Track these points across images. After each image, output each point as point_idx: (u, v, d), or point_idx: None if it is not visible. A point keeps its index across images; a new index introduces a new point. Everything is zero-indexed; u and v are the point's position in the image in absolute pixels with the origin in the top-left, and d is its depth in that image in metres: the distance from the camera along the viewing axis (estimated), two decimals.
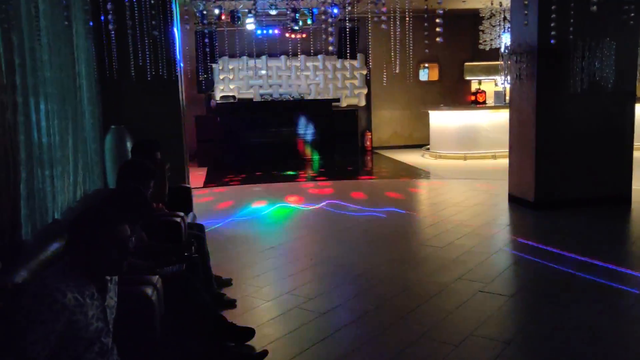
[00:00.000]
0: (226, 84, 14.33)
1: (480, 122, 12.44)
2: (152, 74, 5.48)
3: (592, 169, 7.31)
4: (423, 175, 10.91)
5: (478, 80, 15.04)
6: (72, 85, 4.72)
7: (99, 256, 2.15)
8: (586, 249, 5.53)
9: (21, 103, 3.37)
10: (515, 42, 7.47)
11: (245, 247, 6.04)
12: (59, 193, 4.23)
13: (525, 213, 7.24)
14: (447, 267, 5.15)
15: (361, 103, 15.09)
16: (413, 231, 6.79)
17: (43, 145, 3.83)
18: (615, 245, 5.90)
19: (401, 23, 9.45)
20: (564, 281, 4.73)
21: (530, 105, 7.25)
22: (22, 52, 3.43)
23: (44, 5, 3.90)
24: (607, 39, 6.92)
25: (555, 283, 4.71)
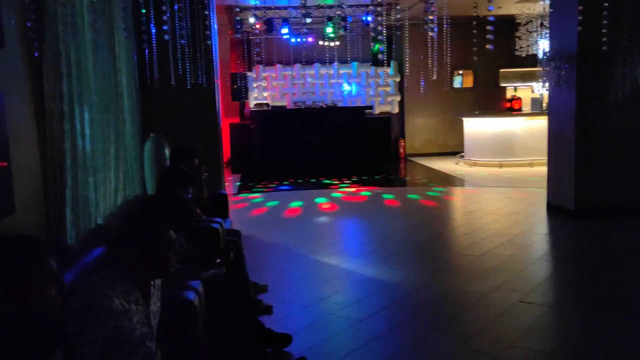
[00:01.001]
0: (260, 91, 14.47)
1: (517, 129, 12.24)
2: (192, 83, 5.58)
3: (634, 177, 7.11)
4: (458, 183, 10.79)
5: (514, 87, 14.83)
6: (114, 94, 4.84)
7: (146, 262, 2.19)
8: (629, 259, 5.38)
9: (67, 111, 3.47)
10: (554, 48, 7.35)
11: (280, 254, 6.07)
12: (101, 199, 4.34)
13: (565, 222, 7.08)
14: (484, 276, 5.07)
15: (394, 110, 15.04)
16: (449, 239, 6.71)
17: (87, 153, 3.94)
18: None
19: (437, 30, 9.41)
20: (606, 293, 4.60)
21: (569, 112, 7.10)
22: (68, 63, 3.54)
23: (89, 16, 4.02)
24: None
25: (597, 294, 4.59)
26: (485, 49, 4.14)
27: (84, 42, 3.86)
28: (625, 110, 6.96)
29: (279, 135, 12.88)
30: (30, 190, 3.04)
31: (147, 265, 2.20)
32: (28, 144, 3.07)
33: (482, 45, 4.03)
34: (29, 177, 3.04)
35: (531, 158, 11.98)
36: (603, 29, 5.51)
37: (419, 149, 15.08)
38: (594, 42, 6.36)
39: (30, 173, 3.07)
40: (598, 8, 5.59)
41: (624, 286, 4.70)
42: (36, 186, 3.15)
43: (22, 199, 2.84)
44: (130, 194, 5.43)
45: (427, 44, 10.51)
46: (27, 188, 2.99)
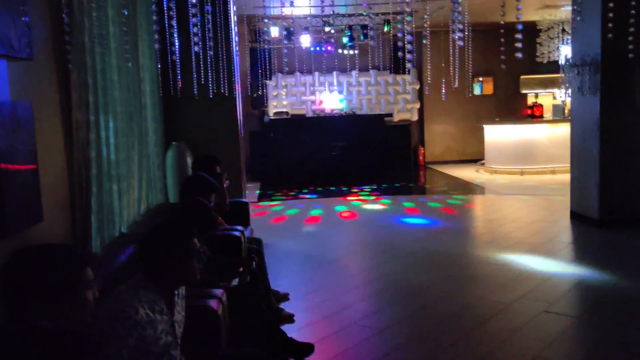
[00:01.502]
0: (279, 100, 14.54)
1: (538, 136, 12.12)
2: (214, 92, 5.63)
3: None
4: (478, 190, 10.70)
5: (535, 94, 14.68)
6: (138, 104, 4.91)
7: (172, 271, 2.21)
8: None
9: (93, 121, 3.53)
10: (576, 54, 7.26)
11: (300, 262, 6.07)
12: (125, 207, 4.39)
13: (589, 231, 6.97)
14: (508, 285, 5.00)
15: (414, 118, 14.99)
16: (470, 248, 6.64)
17: (112, 161, 3.99)
18: None
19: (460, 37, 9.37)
20: (632, 304, 4.51)
21: (593, 119, 7.00)
22: (94, 73, 3.60)
23: (114, 27, 4.08)
24: None
25: (624, 305, 4.50)
26: (506, 55, 4.11)
27: (110, 52, 3.93)
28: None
29: (299, 143, 12.91)
30: (57, 199, 3.09)
31: (173, 274, 2.22)
32: (56, 153, 3.12)
33: (502, 52, 4.00)
34: (56, 185, 3.09)
35: (553, 165, 11.85)
36: (628, 35, 5.43)
37: (439, 157, 15.01)
38: (619, 48, 6.28)
39: (57, 182, 3.12)
40: (623, 13, 5.52)
41: None
42: (63, 194, 3.20)
43: (49, 207, 2.88)
44: (153, 202, 5.49)
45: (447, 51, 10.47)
46: (55, 196, 3.04)
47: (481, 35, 13.04)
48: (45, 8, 2.99)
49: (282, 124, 13.20)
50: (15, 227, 2.51)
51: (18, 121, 2.58)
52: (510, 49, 3.79)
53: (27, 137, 2.67)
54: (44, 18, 2.95)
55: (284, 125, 13.18)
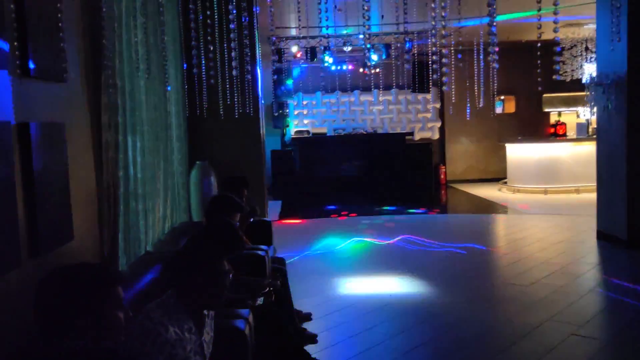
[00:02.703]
0: (301, 119, 14.63)
1: (562, 154, 11.97)
2: (239, 112, 5.70)
3: None
4: (501, 209, 10.57)
5: (558, 112, 14.55)
6: (164, 124, 4.99)
7: (201, 291, 2.22)
8: None
9: (122, 141, 3.59)
10: (602, 72, 7.19)
11: (322, 281, 6.04)
12: (150, 226, 4.44)
13: (617, 251, 6.83)
14: (534, 307, 4.91)
15: (435, 136, 14.94)
16: (495, 268, 6.55)
17: (138, 181, 4.05)
18: None
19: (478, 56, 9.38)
20: None
21: (620, 138, 6.91)
22: (123, 94, 3.67)
23: (142, 49, 4.17)
24: None
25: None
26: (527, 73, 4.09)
27: (138, 74, 4.01)
28: None
29: (320, 162, 12.94)
30: (87, 218, 3.13)
31: (202, 294, 2.23)
32: (86, 173, 3.17)
33: (522, 70, 3.98)
34: (86, 204, 3.14)
35: (578, 184, 11.67)
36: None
37: (460, 175, 14.90)
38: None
39: (87, 201, 3.17)
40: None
41: None
42: (92, 213, 3.25)
43: (79, 226, 2.93)
44: (177, 221, 5.54)
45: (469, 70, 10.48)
46: (84, 215, 3.09)
47: (503, 54, 12.98)
48: (78, 31, 3.07)
49: (303, 143, 13.26)
50: (47, 246, 2.55)
51: (51, 142, 2.63)
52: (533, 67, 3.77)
53: (60, 158, 2.73)
54: (77, 41, 3.02)
55: (305, 144, 13.24)
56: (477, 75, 10.00)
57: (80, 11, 3.14)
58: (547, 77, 8.94)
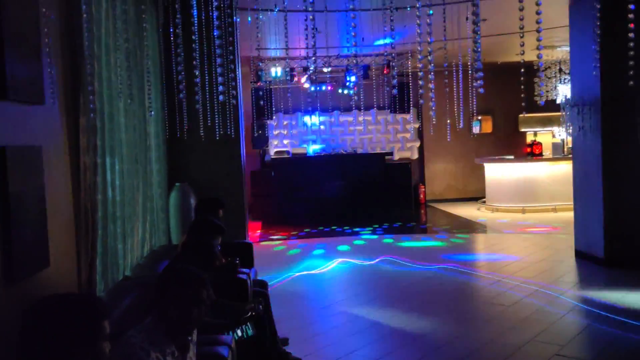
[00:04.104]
0: (280, 139, 14.62)
1: (539, 174, 12.15)
2: (220, 133, 5.66)
3: None
4: (481, 229, 10.65)
5: (534, 132, 14.79)
6: (144, 145, 4.92)
7: (184, 316, 2.17)
8: None
9: (100, 164, 3.52)
10: (576, 93, 7.35)
11: (303, 305, 5.97)
12: (129, 250, 4.35)
13: (595, 270, 6.90)
14: (517, 327, 4.92)
15: (414, 156, 15.05)
16: (477, 289, 6.56)
17: (117, 204, 3.97)
18: None
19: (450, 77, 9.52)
20: None
21: (595, 158, 7.03)
22: (102, 116, 3.62)
23: (122, 71, 4.12)
24: None
25: (635, 348, 4.41)
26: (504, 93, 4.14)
27: (116, 96, 3.96)
28: None
29: (300, 182, 12.91)
30: (63, 243, 3.05)
31: (183, 319, 2.18)
32: (63, 197, 3.10)
33: (499, 91, 4.02)
34: (62, 229, 3.05)
35: (555, 203, 11.83)
36: (627, 73, 5.48)
37: (439, 195, 15.00)
38: (618, 86, 6.36)
39: (64, 225, 3.08)
40: (620, 53, 5.59)
41: None
42: (69, 239, 3.16)
43: (55, 252, 2.84)
44: (156, 244, 5.44)
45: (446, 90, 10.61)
46: (61, 241, 3.00)
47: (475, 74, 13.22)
48: (57, 53, 3.02)
49: (282, 163, 13.23)
50: (22, 274, 2.46)
51: (28, 166, 2.57)
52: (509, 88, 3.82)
53: (37, 182, 2.65)
54: (56, 63, 2.97)
55: (284, 165, 13.21)
56: (456, 95, 10.13)
57: (60, 33, 3.09)
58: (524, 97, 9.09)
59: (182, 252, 3.44)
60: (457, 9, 6.57)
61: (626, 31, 4.11)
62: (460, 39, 7.48)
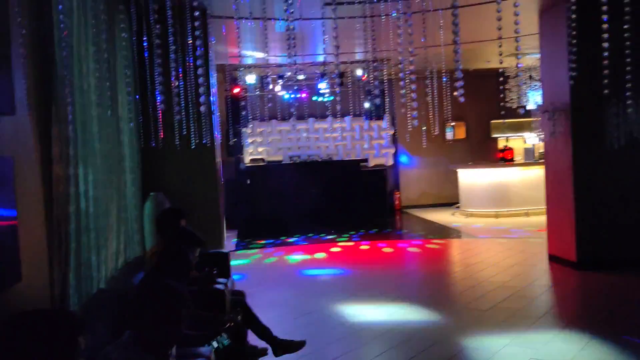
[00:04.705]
0: (255, 147, 14.56)
1: (511, 179, 12.33)
2: (196, 142, 5.61)
3: (634, 228, 7.08)
4: (456, 234, 10.75)
5: (505, 138, 15.04)
6: (117, 155, 4.84)
7: (163, 333, 2.13)
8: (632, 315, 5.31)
9: (73, 174, 3.45)
10: (546, 99, 7.49)
11: (283, 312, 5.93)
12: (103, 262, 4.26)
13: (568, 274, 7.02)
14: (494, 331, 4.97)
15: (389, 162, 15.14)
16: (454, 293, 6.61)
17: (90, 215, 3.89)
18: None
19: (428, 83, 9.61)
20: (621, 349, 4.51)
21: (566, 163, 7.17)
22: (75, 126, 3.54)
23: (95, 79, 4.06)
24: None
25: (609, 350, 4.49)
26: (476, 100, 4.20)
27: (90, 105, 3.89)
28: (623, 160, 7.02)
29: (275, 190, 12.87)
30: (36, 257, 2.97)
31: (164, 335, 2.14)
32: (35, 209, 3.02)
33: (471, 97, 4.07)
34: (35, 242, 2.98)
35: (527, 208, 12.02)
36: (596, 79, 5.60)
37: (415, 201, 15.11)
38: (588, 92, 6.51)
39: (36, 239, 3.01)
40: (589, 59, 5.71)
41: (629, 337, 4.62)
42: (41, 252, 3.09)
43: (28, 265, 2.77)
44: (131, 256, 5.35)
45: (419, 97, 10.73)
46: (33, 254, 2.93)
47: (453, 81, 13.41)
48: (27, 63, 2.95)
49: (258, 171, 13.18)
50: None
51: None
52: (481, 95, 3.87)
53: (7, 194, 2.59)
54: (27, 72, 2.91)
55: (260, 172, 13.16)
56: (430, 102, 10.23)
57: (32, 42, 3.03)
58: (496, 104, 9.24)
59: (159, 263, 3.39)
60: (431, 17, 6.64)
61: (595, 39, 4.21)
62: (435, 46, 7.56)
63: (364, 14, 5.62)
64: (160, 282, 2.24)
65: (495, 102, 14.14)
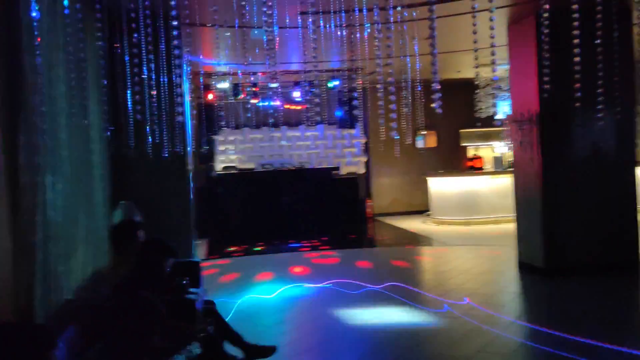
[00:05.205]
0: (227, 155, 14.47)
1: (481, 187, 12.53)
2: (168, 150, 5.54)
3: (600, 235, 7.26)
4: (427, 242, 10.85)
5: (475, 147, 15.28)
6: (87, 163, 4.75)
7: (137, 345, 2.09)
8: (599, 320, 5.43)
9: (40, 183, 3.37)
10: (516, 109, 7.64)
11: (252, 323, 5.88)
12: (71, 272, 4.16)
13: (536, 280, 7.14)
14: (465, 338, 5.02)
15: (361, 171, 15.22)
16: (426, 301, 6.64)
17: (58, 225, 3.80)
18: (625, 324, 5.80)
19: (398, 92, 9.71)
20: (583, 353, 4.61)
21: (534, 172, 7.32)
22: (43, 133, 3.47)
23: (64, 86, 3.98)
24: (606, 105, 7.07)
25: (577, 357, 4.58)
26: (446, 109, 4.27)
27: (59, 113, 3.81)
28: (588, 169, 7.19)
29: (247, 198, 12.81)
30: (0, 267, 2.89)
31: (137, 348, 2.10)
32: (0, 218, 2.94)
33: (444, 106, 4.12)
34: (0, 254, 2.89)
35: (496, 215, 12.21)
36: (564, 89, 5.74)
37: (386, 209, 15.21)
38: (556, 102, 6.67)
39: (1, 249, 2.93)
40: (558, 69, 5.85)
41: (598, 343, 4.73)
42: (6, 262, 3.00)
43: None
44: (99, 265, 5.24)
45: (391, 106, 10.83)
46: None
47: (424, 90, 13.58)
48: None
49: (230, 179, 13.10)
50: None
51: None
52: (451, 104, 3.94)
53: None
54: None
55: (231, 180, 13.08)
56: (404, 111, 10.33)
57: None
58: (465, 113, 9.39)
59: (133, 274, 3.32)
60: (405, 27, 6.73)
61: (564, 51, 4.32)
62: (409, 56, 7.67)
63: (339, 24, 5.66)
64: (134, 294, 2.19)
65: (466, 111, 14.39)
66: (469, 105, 13.85)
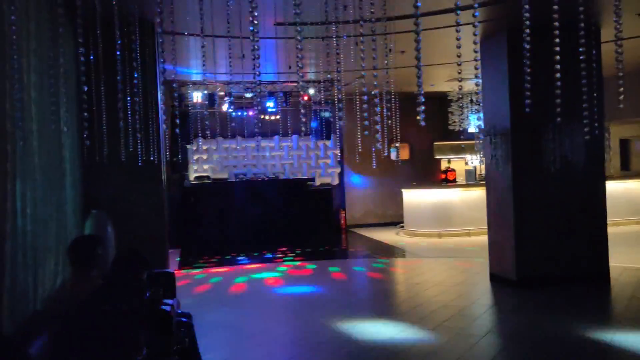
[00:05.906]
0: (200, 164, 14.35)
1: (453, 199, 12.67)
2: (142, 159, 5.45)
3: (570, 247, 7.40)
4: (400, 254, 10.90)
5: (448, 159, 15.47)
6: (58, 171, 4.65)
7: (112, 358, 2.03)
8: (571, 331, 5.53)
9: (10, 191, 3.28)
10: (488, 123, 7.76)
11: (227, 334, 5.81)
12: (40, 282, 4.05)
13: (508, 292, 7.22)
14: (439, 351, 5.03)
15: (335, 182, 15.26)
16: (400, 313, 6.66)
17: (28, 233, 3.70)
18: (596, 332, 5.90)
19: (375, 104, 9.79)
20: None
21: (507, 184, 7.43)
22: (13, 139, 3.38)
23: (35, 92, 3.90)
24: (576, 121, 7.24)
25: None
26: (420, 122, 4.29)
27: (30, 119, 3.72)
28: (558, 182, 7.33)
29: (220, 208, 12.70)
30: None
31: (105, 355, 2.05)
32: None
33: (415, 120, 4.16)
34: None
35: (469, 228, 12.35)
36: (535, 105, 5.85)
37: (360, 220, 15.26)
38: (527, 117, 6.77)
39: None
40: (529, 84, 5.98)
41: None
42: None
43: None
44: (69, 275, 5.11)
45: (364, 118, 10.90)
46: None
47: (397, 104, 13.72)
48: None
49: (203, 189, 12.98)
50: None
51: None
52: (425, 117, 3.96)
53: None
54: None
55: (205, 190, 12.97)
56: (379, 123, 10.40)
57: None
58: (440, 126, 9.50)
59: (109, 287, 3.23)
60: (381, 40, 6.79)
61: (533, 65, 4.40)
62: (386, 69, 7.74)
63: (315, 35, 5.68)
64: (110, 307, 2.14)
65: (439, 124, 14.57)
66: (442, 118, 14.04)
